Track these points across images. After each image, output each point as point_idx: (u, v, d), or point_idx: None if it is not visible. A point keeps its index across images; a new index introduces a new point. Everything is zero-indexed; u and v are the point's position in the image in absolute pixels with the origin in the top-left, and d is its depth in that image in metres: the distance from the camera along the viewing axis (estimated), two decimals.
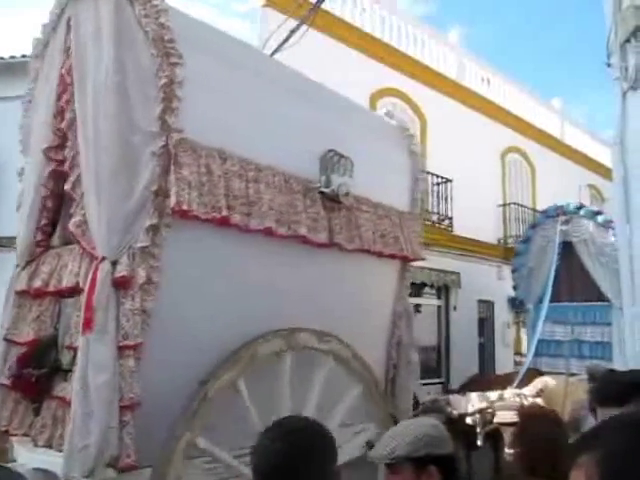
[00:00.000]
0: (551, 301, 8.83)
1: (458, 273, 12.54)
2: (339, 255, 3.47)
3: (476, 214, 12.54)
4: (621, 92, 4.85)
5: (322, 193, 3.32)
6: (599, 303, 8.75)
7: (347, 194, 3.38)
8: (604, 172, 16.32)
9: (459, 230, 12.21)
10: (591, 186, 17.28)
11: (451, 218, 12.06)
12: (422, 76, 12.51)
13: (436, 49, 13.33)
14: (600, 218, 8.68)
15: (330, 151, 3.41)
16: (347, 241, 3.46)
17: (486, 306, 13.23)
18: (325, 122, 3.59)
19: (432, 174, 11.89)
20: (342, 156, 3.45)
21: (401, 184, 4.25)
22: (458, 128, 13.09)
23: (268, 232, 2.99)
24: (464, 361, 12.08)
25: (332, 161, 3.40)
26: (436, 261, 12.30)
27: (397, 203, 4.10)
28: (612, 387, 1.42)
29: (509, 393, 5.33)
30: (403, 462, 1.81)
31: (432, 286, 12.63)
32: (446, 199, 12.05)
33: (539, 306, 9.05)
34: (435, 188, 12.01)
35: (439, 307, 13.04)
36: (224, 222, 2.83)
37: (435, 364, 12.67)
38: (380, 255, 3.79)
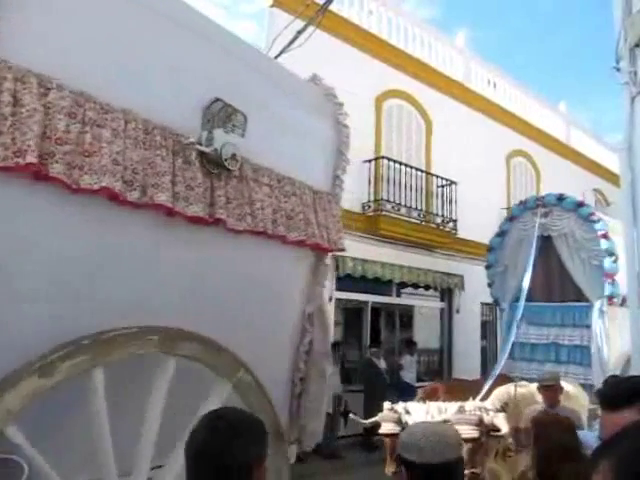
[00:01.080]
0: (526, 300, 7.80)
1: (462, 276, 12.14)
2: (225, 237, 2.55)
3: (480, 217, 12.00)
4: (629, 97, 4.76)
5: (203, 154, 2.45)
6: (578, 303, 7.80)
7: (234, 157, 2.50)
8: (609, 176, 16.15)
9: (463, 233, 11.75)
10: (596, 190, 17.04)
11: (455, 220, 11.60)
12: (428, 78, 11.95)
13: (442, 51, 12.71)
14: (582, 211, 7.73)
15: (217, 101, 2.49)
16: (235, 219, 2.55)
17: (489, 309, 12.93)
18: (215, 64, 2.62)
19: (437, 176, 11.49)
20: (232, 109, 2.54)
21: (319, 158, 3.31)
22: (463, 130, 12.74)
23: (111, 195, 2.06)
24: (467, 364, 11.58)
25: (218, 114, 2.50)
26: (440, 263, 11.69)
27: (312, 180, 3.16)
28: (614, 392, 1.44)
29: (470, 405, 4.74)
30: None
31: (435, 288, 12.54)
32: (450, 201, 11.53)
33: (515, 305, 8.05)
34: (440, 190, 11.52)
35: (442, 310, 12.85)
36: (38, 174, 1.89)
37: (437, 366, 12.26)
38: (284, 241, 2.85)
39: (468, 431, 4.37)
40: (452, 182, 11.62)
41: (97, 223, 2.16)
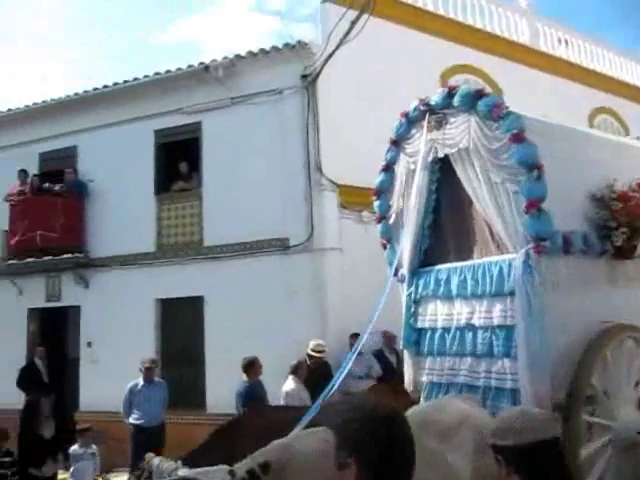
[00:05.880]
0: (431, 263, 5.35)
1: None
2: None
3: None
4: None
5: None
6: (497, 258, 4.68)
7: None
8: None
9: None
10: None
11: None
12: (493, 47, 11.60)
13: (505, 17, 12.28)
14: (483, 105, 4.56)
15: None
16: None
17: None
18: None
19: None
20: None
21: None
22: (537, 96, 12.50)
23: None
24: None
25: None
26: None
27: None
28: None
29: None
30: None
31: None
32: None
33: (420, 272, 5.40)
34: None
35: None
36: None
37: None
38: None
39: None
40: None
41: None
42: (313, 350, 7.35)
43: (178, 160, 10.17)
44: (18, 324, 10.88)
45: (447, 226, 5.42)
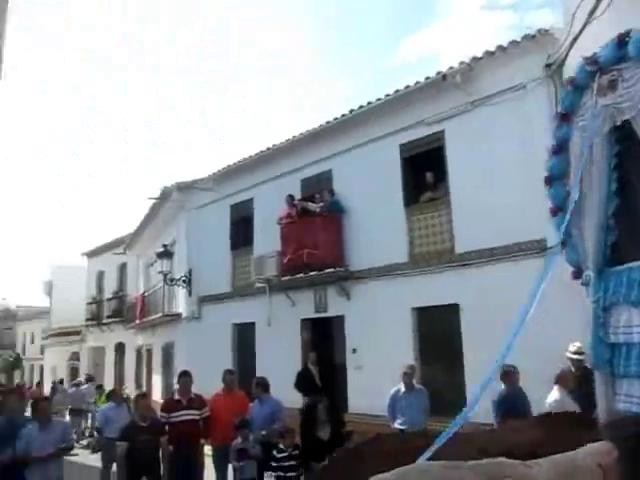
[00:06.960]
0: (623, 261, 4.13)
1: None
2: None
3: None
4: None
5: None
6: None
7: None
8: None
9: None
10: None
11: None
12: None
13: None
14: None
15: None
16: None
17: None
18: None
19: None
20: None
21: None
22: None
23: None
24: None
25: None
26: None
27: None
28: None
29: None
30: None
31: None
32: None
33: (608, 272, 4.21)
34: None
35: None
36: None
37: None
38: None
39: None
40: None
41: None
42: (573, 353, 6.80)
43: (424, 171, 10.40)
44: (293, 333, 12.27)
45: (638, 211, 4.25)
